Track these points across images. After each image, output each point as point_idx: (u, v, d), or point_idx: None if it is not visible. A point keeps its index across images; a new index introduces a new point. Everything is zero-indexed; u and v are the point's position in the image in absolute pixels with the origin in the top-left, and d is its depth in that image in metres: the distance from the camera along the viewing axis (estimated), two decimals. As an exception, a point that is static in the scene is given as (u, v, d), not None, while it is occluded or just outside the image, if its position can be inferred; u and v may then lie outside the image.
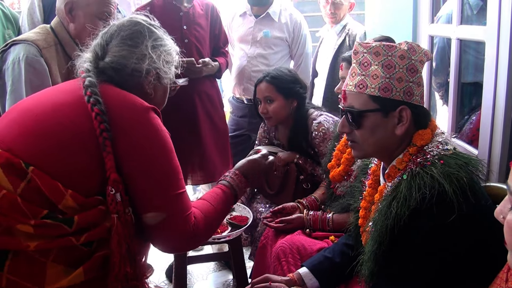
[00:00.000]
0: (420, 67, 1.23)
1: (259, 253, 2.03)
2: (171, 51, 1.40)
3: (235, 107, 3.16)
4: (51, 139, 1.12)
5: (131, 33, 1.32)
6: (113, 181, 1.12)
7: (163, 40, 1.38)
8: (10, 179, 1.06)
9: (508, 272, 0.95)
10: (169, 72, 1.38)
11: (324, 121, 2.21)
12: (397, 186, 1.22)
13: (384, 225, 1.19)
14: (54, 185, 1.07)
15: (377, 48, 1.23)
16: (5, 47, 1.77)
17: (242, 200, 2.33)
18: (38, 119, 1.16)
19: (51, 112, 1.17)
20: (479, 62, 2.27)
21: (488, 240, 1.11)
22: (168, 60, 1.38)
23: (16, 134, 1.14)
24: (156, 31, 1.38)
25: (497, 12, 1.63)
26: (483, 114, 1.77)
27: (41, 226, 1.05)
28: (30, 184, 1.07)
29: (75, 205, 1.09)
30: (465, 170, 1.14)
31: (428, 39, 2.29)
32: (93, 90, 1.17)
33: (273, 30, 2.97)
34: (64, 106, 1.18)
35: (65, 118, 1.15)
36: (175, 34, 1.51)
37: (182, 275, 2.24)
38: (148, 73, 1.31)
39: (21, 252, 1.06)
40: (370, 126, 1.24)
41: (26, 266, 1.05)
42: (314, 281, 1.54)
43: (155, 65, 1.32)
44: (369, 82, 1.23)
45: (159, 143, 1.20)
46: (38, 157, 1.10)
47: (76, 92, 1.21)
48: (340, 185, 1.90)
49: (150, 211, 1.18)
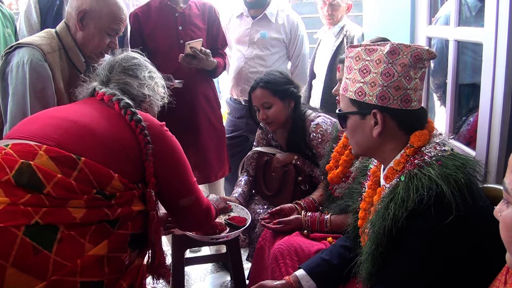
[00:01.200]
0: (400, 70, 1.21)
1: (257, 254, 2.02)
2: (161, 83, 1.66)
3: (233, 108, 3.16)
4: (97, 140, 1.31)
5: (131, 64, 1.58)
6: (153, 184, 1.39)
7: (155, 73, 1.64)
8: (61, 169, 1.22)
9: (507, 274, 0.95)
10: (159, 100, 1.65)
11: (322, 123, 2.21)
12: (394, 187, 1.22)
13: (381, 226, 1.19)
14: (104, 171, 1.27)
15: (358, 52, 1.27)
16: (10, 49, 1.77)
17: (240, 201, 2.33)
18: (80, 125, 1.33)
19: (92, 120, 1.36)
20: (477, 64, 2.27)
21: (486, 241, 1.11)
22: (159, 90, 1.64)
23: (60, 135, 1.29)
24: (149, 65, 1.64)
25: (495, 13, 1.64)
26: (481, 115, 1.78)
27: (91, 200, 1.23)
28: (80, 174, 1.24)
29: (121, 185, 1.30)
30: (462, 171, 1.14)
31: (426, 40, 2.29)
32: (132, 110, 1.40)
33: (270, 31, 2.97)
34: (105, 118, 1.39)
35: (111, 128, 1.36)
36: (170, 35, 1.58)
37: (180, 277, 2.23)
38: (145, 99, 1.58)
39: (65, 235, 1.17)
40: (351, 127, 1.32)
41: (69, 248, 1.17)
42: (311, 283, 1.54)
43: (151, 92, 1.59)
44: (350, 85, 1.28)
45: (176, 149, 1.50)
46: (86, 154, 1.27)
47: (106, 110, 1.42)
48: (338, 187, 1.90)
49: (183, 197, 1.53)
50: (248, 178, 2.50)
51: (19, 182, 1.17)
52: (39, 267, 1.12)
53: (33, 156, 1.21)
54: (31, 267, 1.10)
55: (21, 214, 1.13)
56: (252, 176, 2.52)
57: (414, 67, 1.22)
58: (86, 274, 1.18)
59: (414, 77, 1.23)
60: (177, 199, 1.53)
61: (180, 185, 1.52)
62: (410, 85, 1.22)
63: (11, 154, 1.21)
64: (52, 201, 1.18)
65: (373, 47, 1.25)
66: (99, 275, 1.22)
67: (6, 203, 1.14)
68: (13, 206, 1.14)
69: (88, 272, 1.19)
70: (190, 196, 1.55)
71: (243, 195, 2.40)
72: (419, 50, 1.21)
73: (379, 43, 1.26)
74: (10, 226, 1.11)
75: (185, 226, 1.78)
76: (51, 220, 1.16)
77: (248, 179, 2.50)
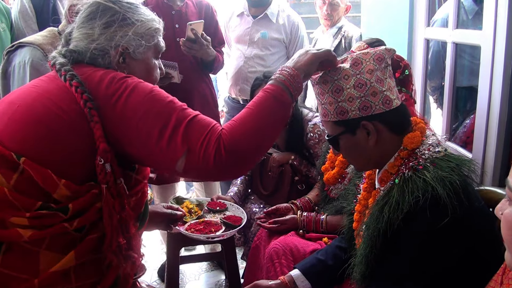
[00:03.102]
0: (370, 77, 1.22)
1: (252, 254, 2.02)
2: (145, 21, 1.28)
3: (231, 107, 3.16)
4: (39, 127, 1.10)
5: (86, 15, 1.25)
6: (102, 151, 1.09)
7: (129, 13, 1.26)
8: (2, 171, 1.05)
9: (503, 275, 0.95)
10: (145, 44, 1.27)
11: (320, 123, 2.21)
12: (389, 190, 1.22)
13: (376, 229, 1.19)
14: (47, 175, 1.06)
15: (324, 77, 1.28)
16: (11, 48, 1.77)
17: (235, 200, 2.32)
18: (25, 109, 1.13)
19: (36, 100, 1.14)
20: (474, 67, 2.28)
21: (482, 242, 1.11)
22: (140, 31, 1.26)
23: (4, 125, 1.12)
24: (115, 6, 1.25)
25: (493, 16, 1.64)
26: (478, 118, 1.78)
27: (36, 218, 1.04)
28: (23, 175, 1.05)
29: (69, 193, 1.08)
30: (457, 172, 1.14)
31: (424, 42, 2.29)
32: (66, 68, 1.16)
33: (270, 31, 2.97)
34: (48, 94, 1.15)
35: (52, 105, 1.12)
36: (167, 33, 1.47)
37: (174, 275, 2.23)
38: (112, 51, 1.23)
39: (14, 245, 1.05)
40: (346, 147, 1.31)
41: (19, 258, 1.04)
42: (306, 283, 1.54)
43: (118, 42, 1.23)
44: (328, 110, 1.28)
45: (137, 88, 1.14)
46: (28, 146, 1.08)
47: (55, 80, 1.18)
48: (334, 188, 1.90)
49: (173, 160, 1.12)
50: (244, 177, 2.50)
51: None
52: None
53: None
54: None
55: None
56: (248, 175, 2.51)
57: (380, 69, 1.24)
58: None
59: (384, 78, 1.24)
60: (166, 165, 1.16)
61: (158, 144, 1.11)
62: (384, 86, 1.24)
63: None
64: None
65: (337, 66, 1.26)
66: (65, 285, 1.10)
67: None
68: None
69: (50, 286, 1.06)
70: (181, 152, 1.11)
71: (239, 194, 2.39)
72: (378, 52, 1.25)
73: (340, 58, 1.28)
74: None
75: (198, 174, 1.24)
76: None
77: (244, 178, 2.49)
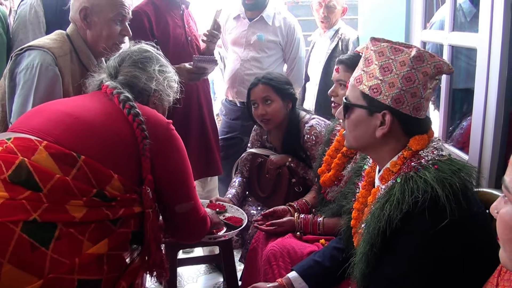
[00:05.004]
0: (421, 78, 1.21)
1: (250, 256, 2.02)
2: (173, 78, 1.61)
3: (228, 110, 3.15)
4: (97, 138, 1.29)
5: (141, 58, 1.54)
6: (149, 181, 1.35)
7: (167, 67, 1.60)
8: (60, 167, 1.20)
9: (498, 277, 0.96)
10: (170, 95, 1.60)
11: (316, 125, 2.22)
12: (390, 188, 1.22)
13: (376, 227, 1.19)
14: (104, 170, 1.25)
15: (382, 48, 1.24)
16: (20, 51, 1.75)
17: (234, 202, 2.32)
18: (82, 121, 1.31)
19: (94, 116, 1.34)
20: (471, 69, 2.29)
21: (479, 245, 1.11)
22: (171, 85, 1.59)
23: (62, 131, 1.28)
24: (162, 59, 1.60)
25: (489, 19, 1.65)
26: (474, 120, 1.79)
27: (91, 202, 1.22)
28: (79, 172, 1.22)
29: (120, 186, 1.28)
30: (458, 176, 1.15)
31: (421, 44, 2.30)
32: (131, 104, 1.37)
33: (266, 33, 2.97)
34: (105, 114, 1.36)
35: (111, 123, 1.34)
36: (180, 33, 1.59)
37: (172, 277, 2.22)
38: (154, 93, 1.54)
39: (63, 233, 1.16)
40: (355, 120, 1.29)
41: (67, 245, 1.16)
42: (303, 285, 1.54)
43: (160, 87, 1.54)
44: (365, 78, 1.25)
45: (179, 149, 1.47)
46: (86, 152, 1.25)
47: (109, 104, 1.40)
48: (331, 190, 1.90)
49: (181, 202, 1.48)
50: (242, 179, 2.50)
51: (15, 181, 1.16)
52: (36, 264, 1.10)
53: (33, 151, 1.20)
54: (27, 264, 1.09)
55: (20, 209, 1.13)
56: (246, 177, 2.51)
57: (432, 77, 1.23)
58: (84, 272, 1.17)
59: (429, 87, 1.23)
60: (175, 202, 1.48)
61: (179, 188, 1.47)
62: (425, 94, 1.22)
63: (12, 149, 1.21)
64: (51, 200, 1.17)
65: (399, 47, 1.23)
66: (98, 273, 1.21)
67: (5, 198, 1.13)
68: (12, 201, 1.13)
69: (86, 270, 1.17)
70: (188, 201, 1.50)
71: (237, 196, 2.39)
72: (441, 62, 1.22)
73: (405, 45, 1.25)
74: (8, 222, 1.10)
75: (178, 234, 1.65)
76: (50, 218, 1.15)
77: (242, 180, 2.49)
